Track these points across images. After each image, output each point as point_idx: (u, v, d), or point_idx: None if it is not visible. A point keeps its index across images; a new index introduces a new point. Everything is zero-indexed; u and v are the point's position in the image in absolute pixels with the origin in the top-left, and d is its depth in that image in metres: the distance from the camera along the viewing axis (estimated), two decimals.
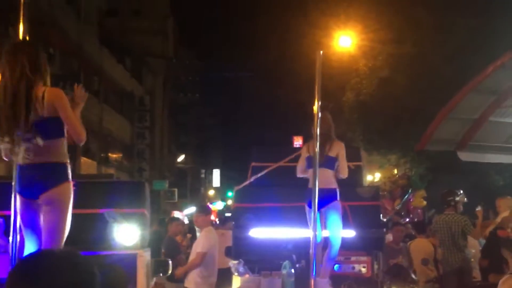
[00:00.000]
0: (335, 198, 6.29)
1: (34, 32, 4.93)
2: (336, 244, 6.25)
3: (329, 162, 6.30)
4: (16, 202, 4.42)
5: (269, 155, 8.02)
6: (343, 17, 19.47)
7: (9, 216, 4.57)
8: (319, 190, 6.06)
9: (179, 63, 45.68)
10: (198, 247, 7.74)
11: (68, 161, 4.43)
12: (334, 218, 6.25)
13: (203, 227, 7.93)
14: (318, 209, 6.20)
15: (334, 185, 6.33)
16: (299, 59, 22.35)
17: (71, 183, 4.34)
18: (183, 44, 47.13)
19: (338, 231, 6.28)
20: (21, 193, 4.36)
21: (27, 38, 4.82)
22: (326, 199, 6.21)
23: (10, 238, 4.48)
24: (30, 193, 4.33)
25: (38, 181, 4.31)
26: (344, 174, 6.42)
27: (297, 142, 33.77)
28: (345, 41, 19.15)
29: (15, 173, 4.42)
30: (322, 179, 6.12)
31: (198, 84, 53.58)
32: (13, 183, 4.50)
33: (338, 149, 6.40)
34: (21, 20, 4.83)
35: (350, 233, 7.15)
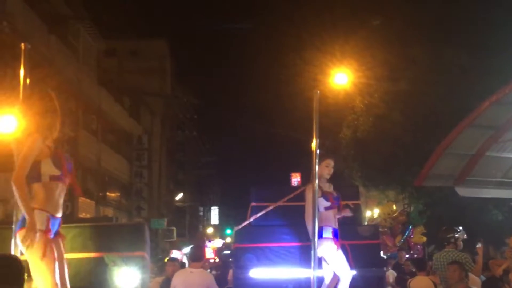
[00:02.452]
0: (320, 236, 6.34)
1: (33, 74, 5.01)
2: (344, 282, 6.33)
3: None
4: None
5: (269, 194, 8.01)
6: (339, 55, 19.66)
7: None
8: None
9: (177, 101, 45.92)
10: None
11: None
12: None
13: None
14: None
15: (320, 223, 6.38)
16: (294, 97, 22.53)
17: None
18: (181, 82, 47.48)
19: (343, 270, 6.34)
20: None
21: (28, 81, 4.91)
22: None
23: None
24: None
25: None
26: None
27: (295, 178, 33.74)
28: (341, 78, 19.29)
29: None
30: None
31: (195, 122, 53.77)
32: (13, 227, 4.54)
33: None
34: (22, 65, 4.93)
35: (351, 273, 7.12)
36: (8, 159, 4.70)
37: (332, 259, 6.40)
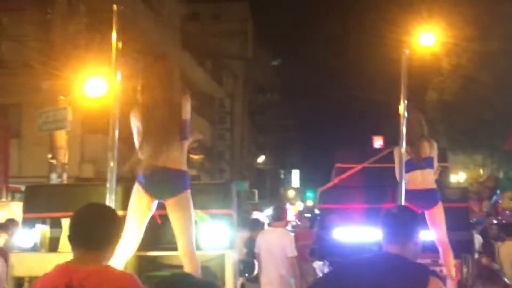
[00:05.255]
0: (439, 200, 6.34)
1: (120, 37, 5.05)
2: (448, 245, 6.34)
3: (430, 162, 6.39)
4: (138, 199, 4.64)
5: (353, 156, 7.98)
6: (426, 15, 19.03)
7: None
8: (421, 191, 6.27)
9: (258, 64, 46.01)
10: None
11: None
12: (441, 221, 6.32)
13: None
14: (422, 210, 6.24)
15: (435, 185, 6.39)
16: (379, 59, 22.07)
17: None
18: (262, 45, 47.42)
19: (445, 233, 6.33)
20: (151, 194, 4.60)
21: (120, 45, 4.95)
22: (431, 201, 6.29)
23: None
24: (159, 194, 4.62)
25: (170, 184, 4.63)
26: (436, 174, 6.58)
27: (377, 142, 33.29)
28: (427, 39, 18.67)
29: (112, 175, 4.59)
30: (424, 180, 6.35)
31: (277, 85, 53.78)
32: (108, 185, 4.69)
33: (435, 149, 6.54)
34: (114, 27, 4.96)
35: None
36: (97, 121, 4.83)
37: (444, 223, 6.45)
